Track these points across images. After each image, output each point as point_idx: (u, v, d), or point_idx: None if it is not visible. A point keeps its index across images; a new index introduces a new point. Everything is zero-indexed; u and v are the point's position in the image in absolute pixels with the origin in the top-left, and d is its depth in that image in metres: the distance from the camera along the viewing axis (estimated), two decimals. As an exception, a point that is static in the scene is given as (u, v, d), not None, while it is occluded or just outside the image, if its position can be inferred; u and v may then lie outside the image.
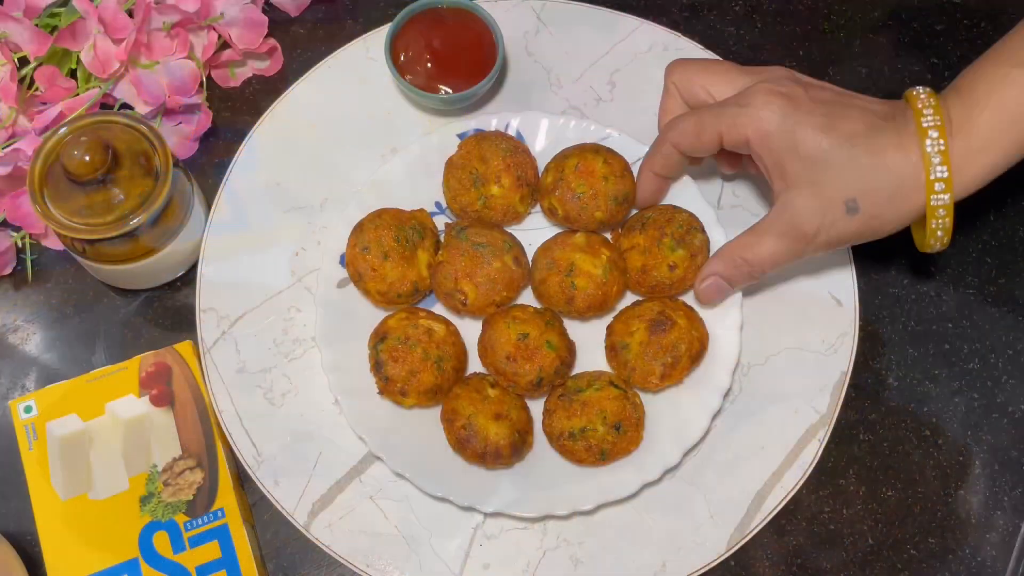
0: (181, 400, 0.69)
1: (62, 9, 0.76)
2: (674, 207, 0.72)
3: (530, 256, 0.72)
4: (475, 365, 0.71)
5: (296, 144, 0.77)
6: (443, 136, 0.75)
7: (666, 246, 0.69)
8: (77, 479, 0.66)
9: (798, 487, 0.69)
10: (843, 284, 0.73)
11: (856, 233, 0.62)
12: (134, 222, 0.66)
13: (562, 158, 0.72)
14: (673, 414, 0.69)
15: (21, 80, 0.74)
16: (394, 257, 0.69)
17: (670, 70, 0.69)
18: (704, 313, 0.70)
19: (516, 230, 0.74)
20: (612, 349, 0.69)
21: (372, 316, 0.71)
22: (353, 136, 0.77)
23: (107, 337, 0.74)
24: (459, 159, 0.72)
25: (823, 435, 0.69)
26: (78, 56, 0.75)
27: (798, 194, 0.62)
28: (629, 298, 0.72)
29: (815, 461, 0.69)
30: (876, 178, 0.60)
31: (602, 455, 0.66)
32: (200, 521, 0.66)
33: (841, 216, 0.61)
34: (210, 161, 0.78)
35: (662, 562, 0.67)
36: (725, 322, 0.70)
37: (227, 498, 0.67)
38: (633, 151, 0.73)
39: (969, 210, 0.77)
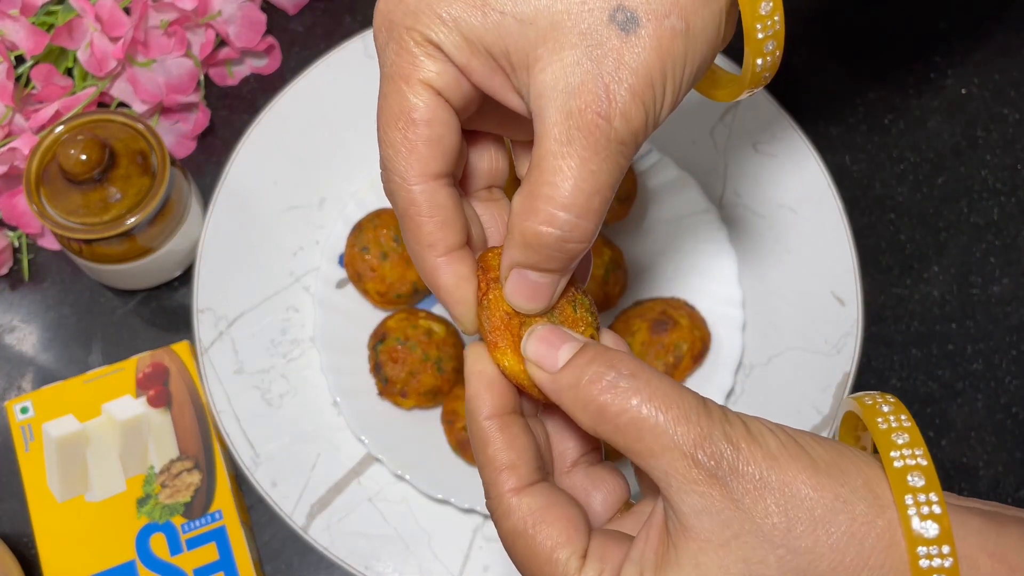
0: (178, 401, 0.68)
1: (59, 7, 0.76)
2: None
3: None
4: (475, 366, 0.70)
5: (294, 143, 0.77)
6: (443, 135, 0.74)
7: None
8: (74, 481, 0.66)
9: (800, 489, 0.68)
10: (846, 284, 0.72)
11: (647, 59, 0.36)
12: (131, 221, 0.66)
13: (563, 157, 0.71)
14: (675, 415, 0.68)
15: (17, 78, 0.74)
16: (393, 257, 0.69)
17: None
18: (706, 313, 0.70)
19: (516, 229, 0.73)
20: (613, 349, 0.69)
21: (371, 317, 0.71)
22: (352, 135, 0.77)
23: (104, 337, 0.73)
24: (459, 158, 0.72)
25: (826, 436, 0.69)
26: (75, 54, 0.75)
27: (558, 67, 0.36)
28: (630, 297, 0.72)
29: (818, 462, 0.69)
30: None
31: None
32: (198, 523, 0.66)
33: (616, 41, 0.36)
34: (208, 160, 0.78)
35: (663, 564, 0.66)
36: (727, 322, 0.70)
37: (225, 500, 0.66)
38: (634, 150, 0.72)
39: (973, 210, 0.77)
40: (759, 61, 0.39)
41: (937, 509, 0.33)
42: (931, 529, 0.33)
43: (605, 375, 0.35)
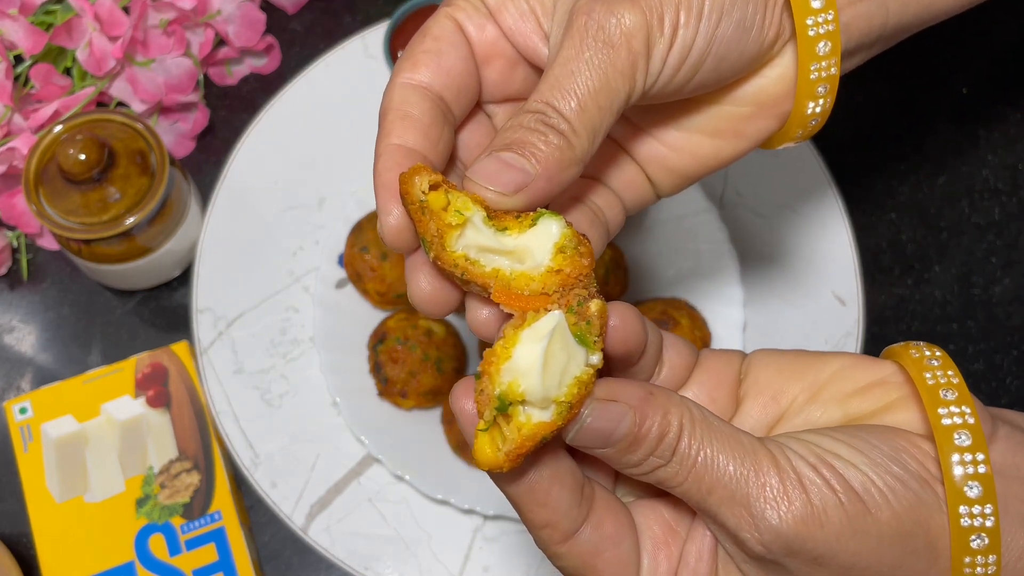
0: (177, 401, 0.68)
1: (58, 6, 0.76)
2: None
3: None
4: (475, 366, 0.70)
5: (294, 142, 0.76)
6: (442, 134, 0.74)
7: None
8: (73, 481, 0.66)
9: (801, 489, 0.68)
10: (847, 284, 0.72)
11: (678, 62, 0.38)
12: (130, 221, 0.65)
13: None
14: (675, 415, 0.68)
15: (16, 78, 0.74)
16: (393, 257, 0.68)
17: None
18: (707, 313, 0.70)
19: (516, 229, 0.73)
20: (613, 350, 0.69)
21: (371, 317, 0.70)
22: (351, 134, 0.77)
23: (103, 338, 0.73)
24: (459, 158, 0.72)
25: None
26: (74, 54, 0.74)
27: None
28: (631, 297, 0.72)
29: (818, 463, 0.69)
30: None
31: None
32: (197, 524, 0.65)
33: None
34: (207, 160, 0.78)
35: (664, 565, 0.66)
36: (728, 322, 0.70)
37: (224, 500, 0.66)
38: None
39: (974, 209, 0.77)
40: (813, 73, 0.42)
41: None
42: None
43: (667, 465, 0.36)
